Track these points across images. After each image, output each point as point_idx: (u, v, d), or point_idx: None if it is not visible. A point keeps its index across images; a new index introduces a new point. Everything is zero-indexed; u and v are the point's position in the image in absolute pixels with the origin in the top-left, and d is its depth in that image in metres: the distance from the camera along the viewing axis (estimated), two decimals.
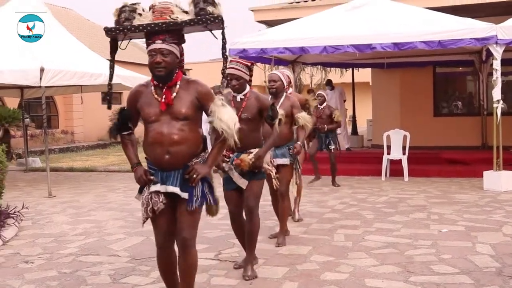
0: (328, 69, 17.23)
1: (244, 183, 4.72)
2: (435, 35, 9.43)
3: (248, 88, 4.85)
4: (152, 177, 3.60)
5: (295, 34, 10.43)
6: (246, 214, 4.80)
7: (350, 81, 16.87)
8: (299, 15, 12.25)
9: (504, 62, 9.40)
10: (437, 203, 8.18)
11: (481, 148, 13.29)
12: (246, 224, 4.82)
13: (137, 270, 5.10)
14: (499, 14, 11.40)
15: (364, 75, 18.63)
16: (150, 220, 3.68)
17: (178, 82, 3.58)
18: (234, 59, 4.92)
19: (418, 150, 12.04)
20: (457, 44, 9.40)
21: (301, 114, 5.84)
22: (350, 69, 16.08)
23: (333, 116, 9.89)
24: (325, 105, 10.00)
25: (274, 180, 5.32)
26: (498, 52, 9.16)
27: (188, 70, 28.33)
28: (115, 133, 3.76)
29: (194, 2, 3.57)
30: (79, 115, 23.65)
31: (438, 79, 14.60)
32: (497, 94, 9.25)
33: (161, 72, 3.50)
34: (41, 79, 9.30)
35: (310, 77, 22.87)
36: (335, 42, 9.92)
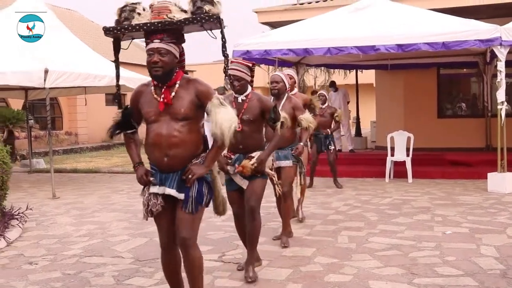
0: (331, 70, 17.24)
1: (245, 184, 4.71)
2: (439, 37, 9.43)
3: (249, 89, 4.81)
4: (151, 178, 3.59)
5: (299, 36, 10.43)
6: (247, 215, 4.76)
7: (354, 82, 16.87)
8: (303, 17, 12.25)
9: (508, 64, 9.39)
10: (441, 205, 8.17)
11: (485, 149, 13.26)
12: (247, 224, 4.78)
13: (141, 271, 5.10)
14: (503, 16, 11.39)
15: (367, 77, 18.63)
16: (154, 220, 3.68)
17: (178, 82, 3.55)
18: (235, 60, 4.87)
19: (422, 152, 12.02)
20: (461, 45, 9.39)
21: (303, 116, 5.79)
22: (354, 70, 16.08)
23: (335, 115, 9.88)
24: (326, 104, 9.99)
25: (277, 186, 5.30)
26: (502, 53, 9.14)
27: (191, 71, 28.35)
28: (115, 132, 3.75)
29: (193, 1, 3.53)
30: (83, 117, 23.69)
31: (442, 81, 14.58)
32: (501, 95, 9.24)
33: (158, 71, 3.47)
34: (45, 81, 9.31)
35: (314, 78, 22.89)
36: (339, 43, 9.93)
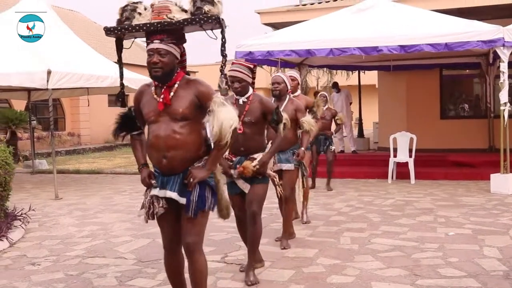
0: (334, 71, 17.26)
1: (247, 187, 4.68)
2: (442, 38, 9.42)
3: (251, 90, 4.77)
4: (153, 181, 3.56)
5: (302, 37, 10.43)
6: (248, 219, 4.72)
7: (356, 83, 16.86)
8: (305, 18, 12.25)
9: (511, 65, 9.37)
10: (443, 206, 8.16)
11: (488, 150, 13.24)
12: (248, 228, 4.75)
13: (143, 272, 5.10)
14: (506, 17, 11.38)
15: (370, 78, 18.64)
16: (157, 223, 3.66)
17: (178, 82, 3.51)
18: (236, 61, 4.83)
19: (425, 153, 12.00)
20: (464, 46, 9.38)
21: (305, 119, 5.73)
22: (356, 71, 16.08)
23: (336, 118, 9.86)
24: (327, 106, 9.95)
25: (278, 187, 5.28)
26: (505, 54, 9.13)
27: (193, 72, 28.35)
28: (119, 133, 3.74)
29: (193, 1, 3.49)
30: (86, 117, 23.71)
31: (445, 82, 14.57)
32: (504, 96, 9.23)
33: (157, 72, 3.44)
34: (48, 82, 9.33)
35: (316, 79, 22.91)
36: (342, 44, 9.92)
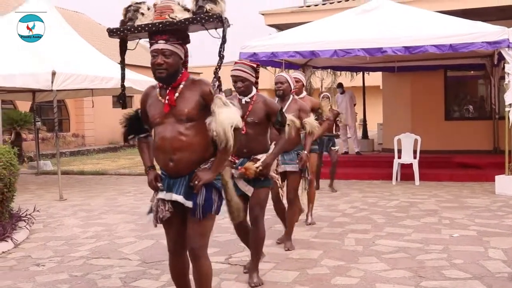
0: (338, 72, 17.19)
1: (249, 190, 4.62)
2: (447, 39, 9.41)
3: (254, 90, 4.69)
4: (159, 184, 3.52)
5: (306, 38, 10.43)
6: (251, 223, 4.68)
7: (361, 84, 16.83)
8: (310, 19, 12.25)
9: None
10: (448, 208, 8.14)
11: (493, 152, 13.20)
12: (251, 232, 4.71)
13: (147, 273, 5.10)
14: (511, 18, 11.35)
15: (374, 79, 18.60)
16: (162, 225, 3.62)
17: (183, 82, 3.45)
18: (239, 61, 4.76)
19: (429, 154, 11.99)
20: (468, 47, 9.37)
21: (308, 120, 5.64)
22: (361, 72, 16.05)
23: (338, 119, 9.85)
24: (329, 107, 9.90)
25: (280, 189, 5.24)
26: (510, 55, 9.12)
27: (197, 73, 28.40)
28: (129, 137, 3.70)
29: (195, 0, 3.43)
30: (90, 119, 23.75)
31: (449, 83, 14.54)
32: (509, 98, 9.21)
33: (162, 73, 3.39)
34: (52, 83, 9.34)
35: (321, 80, 22.87)
36: (346, 46, 9.92)
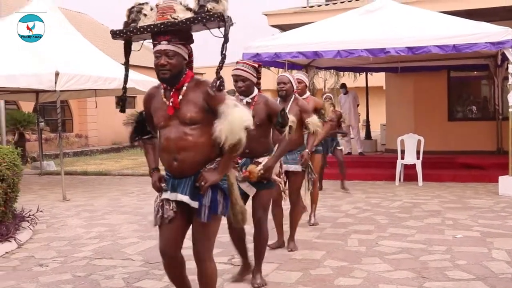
0: (341, 73, 17.22)
1: (251, 191, 4.59)
2: (450, 39, 9.39)
3: (256, 91, 4.65)
4: (163, 184, 3.48)
5: (309, 39, 10.42)
6: (254, 225, 4.67)
7: (364, 85, 16.82)
8: (313, 20, 12.24)
9: None
10: (451, 208, 8.13)
11: (496, 153, 13.17)
12: (254, 236, 4.70)
13: (150, 274, 5.10)
14: None
15: (377, 79, 18.57)
16: (158, 226, 3.55)
17: (186, 84, 3.40)
18: (241, 61, 4.71)
19: (432, 155, 11.97)
20: (472, 48, 9.35)
21: (311, 120, 5.59)
22: (364, 73, 16.04)
23: (341, 119, 9.85)
24: (332, 108, 9.91)
25: (283, 193, 5.21)
26: None
27: (200, 74, 28.39)
28: (135, 138, 3.68)
29: None
30: (93, 119, 23.79)
31: (453, 83, 14.52)
32: None
33: (165, 74, 3.34)
34: (56, 83, 9.36)
35: (324, 81, 22.88)
36: (349, 46, 9.91)
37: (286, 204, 5.71)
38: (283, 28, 14.00)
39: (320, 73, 17.49)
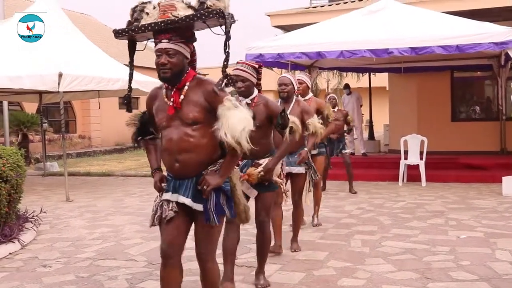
0: (344, 73, 17.21)
1: (252, 193, 4.53)
2: (453, 40, 9.38)
3: (256, 92, 4.58)
4: (164, 184, 3.44)
5: (312, 39, 10.42)
6: (257, 228, 4.66)
7: (367, 85, 16.81)
8: (316, 20, 12.24)
9: None
10: (455, 209, 8.11)
11: (499, 153, 13.16)
12: (257, 238, 4.69)
13: (154, 274, 5.10)
14: None
15: (381, 80, 18.58)
16: (159, 227, 3.48)
17: (188, 83, 3.34)
18: (241, 61, 4.65)
19: (436, 155, 11.95)
20: (475, 48, 9.33)
21: (311, 120, 5.52)
22: (367, 73, 16.03)
23: (348, 118, 9.86)
24: (337, 108, 9.94)
25: (284, 194, 5.18)
26: None
27: (204, 75, 28.26)
28: (137, 138, 3.66)
29: None
30: (97, 120, 23.83)
31: (456, 84, 14.49)
32: None
33: (166, 73, 3.28)
34: (59, 84, 9.37)
35: (327, 82, 22.86)
36: (352, 46, 9.91)
37: (286, 205, 5.67)
38: (286, 28, 14.01)
39: (323, 73, 17.45)
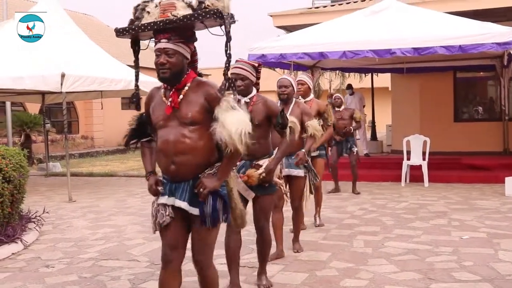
0: (347, 74, 17.21)
1: (250, 195, 4.45)
2: (456, 40, 9.36)
3: (254, 91, 4.54)
4: (159, 188, 3.37)
5: (315, 39, 10.42)
6: (256, 231, 4.61)
7: (369, 86, 16.80)
8: (318, 21, 12.24)
9: None
10: (458, 209, 8.10)
11: (502, 153, 13.13)
12: (257, 242, 4.65)
13: (156, 275, 5.07)
14: None
15: (383, 80, 18.56)
16: (159, 231, 3.45)
17: (188, 84, 3.30)
18: (240, 59, 4.60)
19: (438, 156, 11.94)
20: (478, 48, 9.31)
21: (310, 123, 5.46)
22: (370, 74, 16.02)
23: (354, 116, 9.85)
24: (343, 107, 9.97)
25: (285, 195, 5.15)
26: None
27: (206, 75, 28.32)
28: (130, 141, 3.61)
29: None
30: (99, 121, 23.86)
31: (459, 84, 14.48)
32: None
33: (165, 73, 3.23)
34: (62, 85, 9.39)
35: (329, 82, 22.88)
36: (355, 47, 9.90)
37: (287, 206, 5.61)
38: (289, 29, 14.01)
39: (325, 74, 17.47)
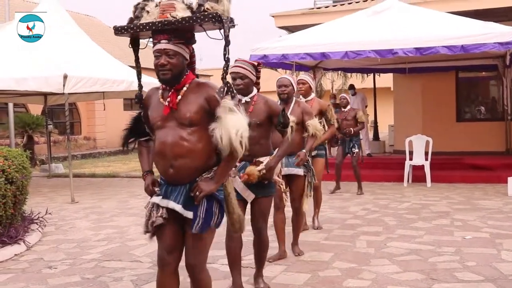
0: (349, 74, 17.18)
1: (250, 196, 4.40)
2: (458, 40, 9.35)
3: (255, 91, 4.51)
4: (156, 189, 3.34)
5: (316, 40, 10.41)
6: (254, 233, 4.55)
7: (372, 86, 16.78)
8: (320, 21, 12.24)
9: None
10: (460, 210, 8.09)
11: (505, 153, 13.12)
12: (254, 244, 4.59)
13: None
14: None
15: (385, 80, 18.53)
16: (155, 232, 3.38)
17: (187, 85, 3.26)
18: (239, 59, 4.56)
19: (441, 156, 11.93)
20: (480, 48, 9.30)
21: (311, 122, 5.42)
22: (372, 74, 16.02)
23: (357, 117, 9.87)
24: (349, 107, 9.99)
25: (284, 194, 5.13)
26: None
27: (208, 76, 28.38)
28: (129, 140, 3.59)
29: None
30: (102, 121, 23.88)
31: (461, 84, 14.46)
32: None
33: (166, 75, 3.20)
34: (64, 86, 9.40)
35: (331, 82, 22.86)
36: (357, 47, 9.90)
37: (287, 207, 5.57)
38: (291, 29, 14.01)
39: (327, 74, 17.45)
